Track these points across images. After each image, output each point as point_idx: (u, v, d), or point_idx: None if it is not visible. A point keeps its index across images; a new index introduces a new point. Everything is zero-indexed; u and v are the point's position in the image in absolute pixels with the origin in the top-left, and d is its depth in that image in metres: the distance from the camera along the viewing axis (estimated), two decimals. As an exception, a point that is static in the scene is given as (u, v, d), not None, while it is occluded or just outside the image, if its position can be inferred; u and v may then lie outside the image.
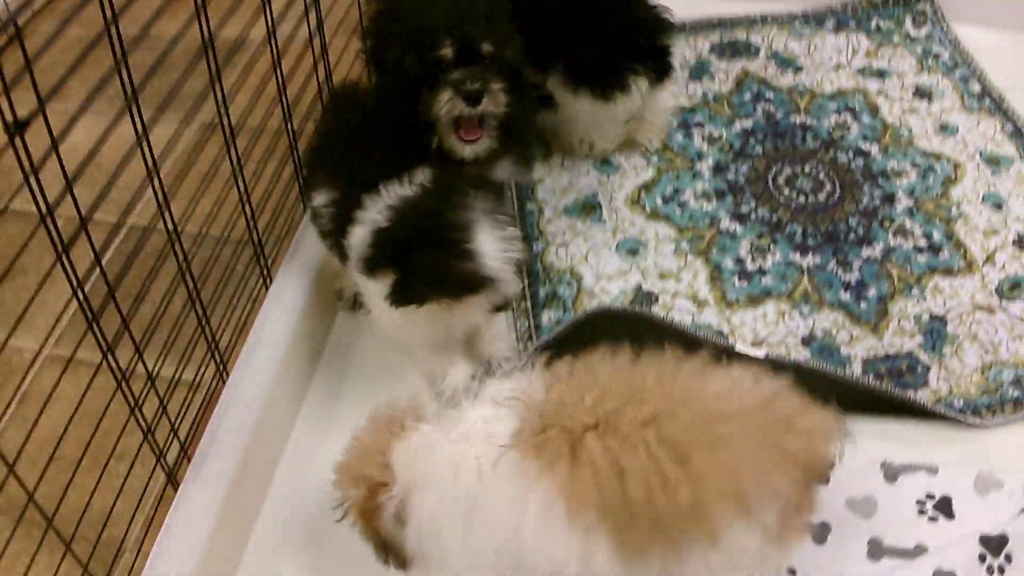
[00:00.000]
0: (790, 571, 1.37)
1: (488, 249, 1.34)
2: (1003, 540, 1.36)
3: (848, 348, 1.67)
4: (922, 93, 2.23)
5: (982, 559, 1.35)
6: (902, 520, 1.43)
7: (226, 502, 1.40)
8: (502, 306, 1.43)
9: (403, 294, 1.38)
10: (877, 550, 1.39)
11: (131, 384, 1.26)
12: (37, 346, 1.66)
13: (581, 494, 1.06)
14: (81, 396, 1.25)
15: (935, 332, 1.69)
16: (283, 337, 1.61)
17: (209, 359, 1.51)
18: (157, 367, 1.36)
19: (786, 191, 1.98)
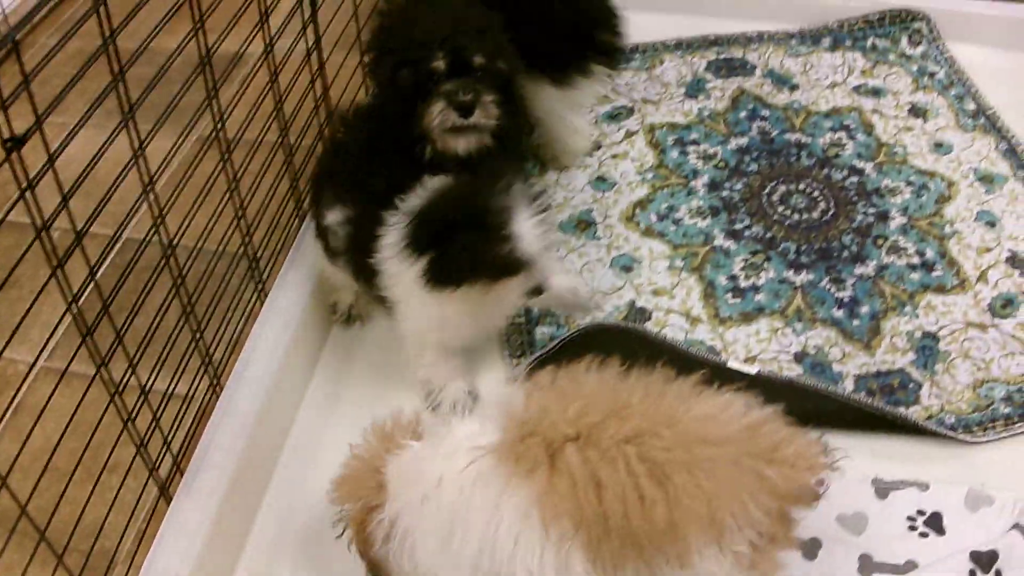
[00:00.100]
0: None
1: (525, 232, 1.36)
2: (993, 556, 1.36)
3: (840, 365, 1.68)
4: (917, 111, 2.24)
5: (972, 575, 1.36)
6: (893, 536, 1.43)
7: (219, 516, 1.40)
8: (535, 292, 1.44)
9: (441, 274, 1.39)
10: (868, 566, 1.40)
11: (125, 397, 1.26)
12: (31, 358, 1.66)
13: (557, 504, 1.06)
14: (75, 409, 1.26)
15: (927, 349, 1.70)
16: (277, 351, 1.61)
17: (203, 373, 1.51)
18: (151, 380, 1.37)
19: (780, 208, 1.99)
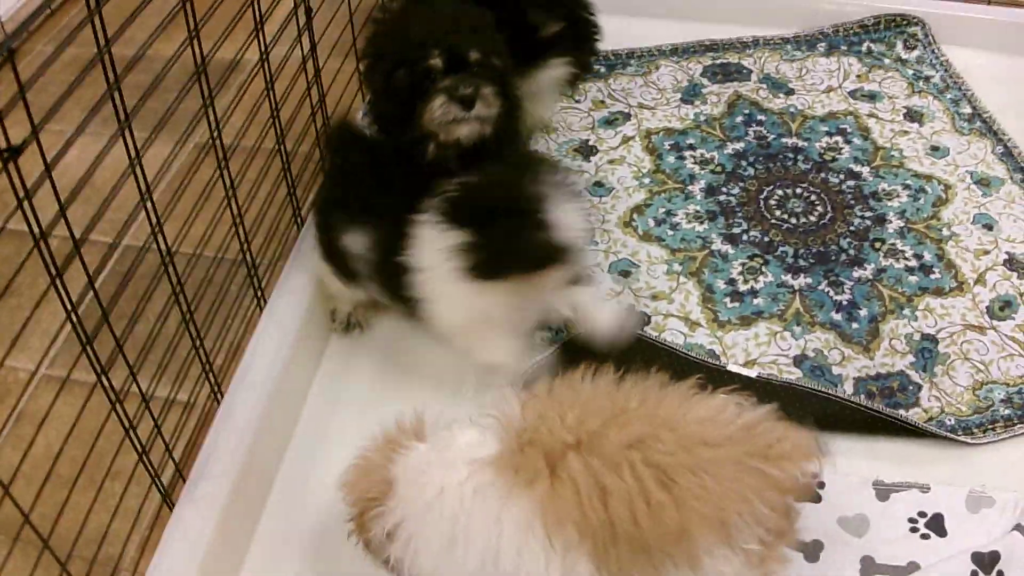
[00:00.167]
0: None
1: (565, 220, 1.35)
2: (995, 557, 1.37)
3: (839, 368, 1.68)
4: (913, 115, 2.24)
5: (974, 576, 1.36)
6: (894, 538, 1.43)
7: (221, 522, 1.40)
8: (574, 280, 1.42)
9: (482, 262, 1.37)
10: (869, 568, 1.40)
11: (126, 405, 1.26)
12: (32, 366, 1.66)
13: (560, 513, 1.06)
14: (76, 416, 1.26)
15: (926, 352, 1.70)
16: (277, 358, 1.61)
17: (203, 380, 1.51)
18: (152, 388, 1.37)
19: (778, 213, 1.99)
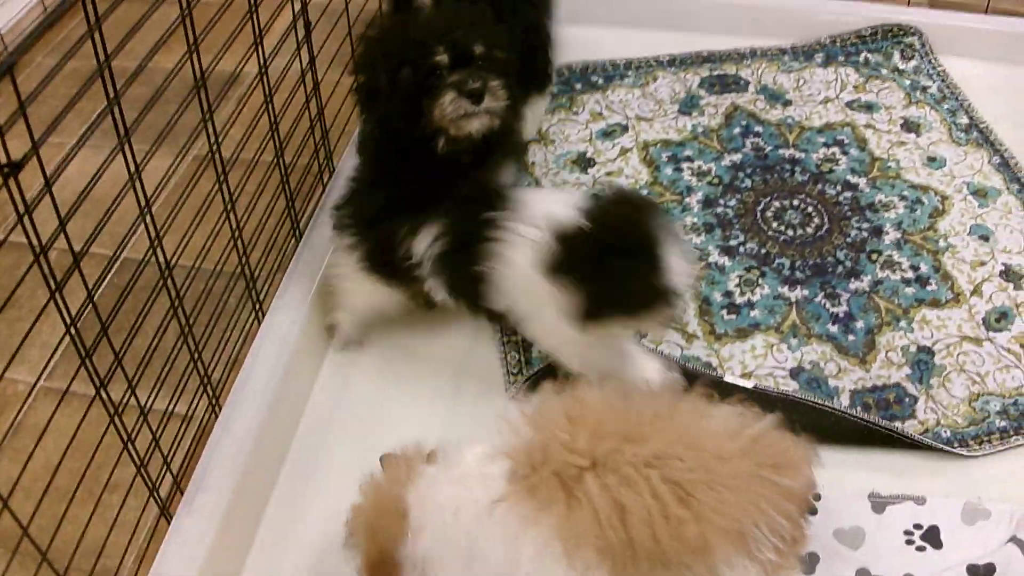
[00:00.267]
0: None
1: (674, 262, 1.33)
2: (991, 569, 1.37)
3: (836, 380, 1.68)
4: (910, 126, 2.25)
5: (969, 589, 1.36)
6: (890, 550, 1.43)
7: (218, 535, 1.41)
8: (672, 321, 1.39)
9: (596, 309, 1.36)
10: (865, 580, 1.40)
11: (124, 417, 1.27)
12: (31, 378, 1.67)
13: (579, 534, 1.06)
14: (75, 429, 1.26)
15: (922, 363, 1.71)
16: (276, 370, 1.62)
17: (201, 392, 1.52)
18: (150, 400, 1.37)
19: (775, 224, 2.00)
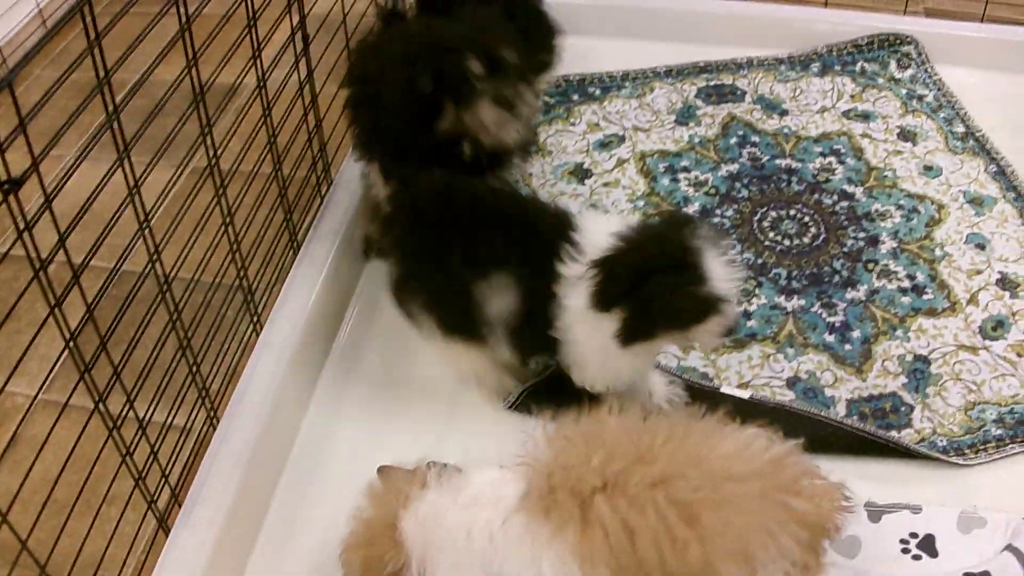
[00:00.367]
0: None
1: (717, 272, 1.33)
2: (986, 578, 1.38)
3: (832, 389, 1.69)
4: (906, 135, 2.26)
5: (965, 597, 1.37)
6: (886, 559, 1.44)
7: (217, 547, 1.41)
8: (729, 332, 1.38)
9: (640, 326, 1.35)
10: (862, 590, 1.41)
11: (123, 430, 1.27)
12: (30, 391, 1.67)
13: (594, 555, 1.07)
14: (74, 442, 1.27)
15: (919, 372, 1.71)
16: (273, 382, 1.62)
17: (200, 404, 1.52)
18: (148, 413, 1.38)
19: (771, 234, 2.00)
